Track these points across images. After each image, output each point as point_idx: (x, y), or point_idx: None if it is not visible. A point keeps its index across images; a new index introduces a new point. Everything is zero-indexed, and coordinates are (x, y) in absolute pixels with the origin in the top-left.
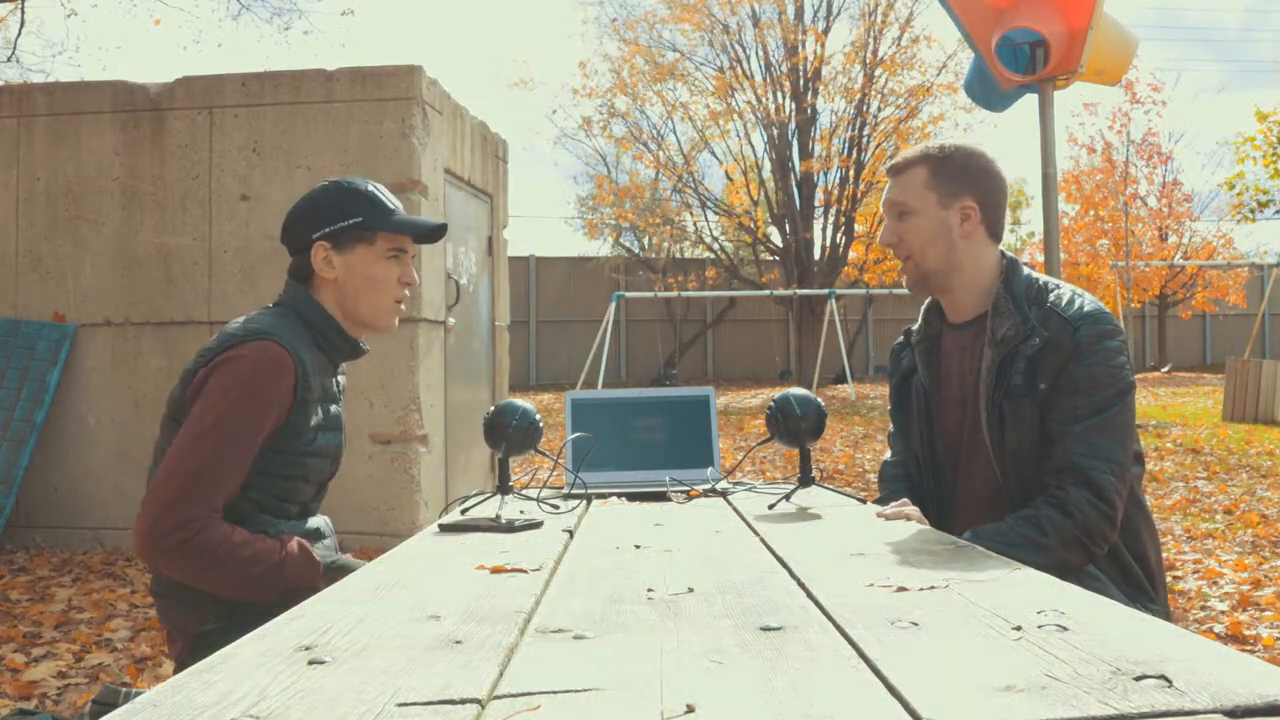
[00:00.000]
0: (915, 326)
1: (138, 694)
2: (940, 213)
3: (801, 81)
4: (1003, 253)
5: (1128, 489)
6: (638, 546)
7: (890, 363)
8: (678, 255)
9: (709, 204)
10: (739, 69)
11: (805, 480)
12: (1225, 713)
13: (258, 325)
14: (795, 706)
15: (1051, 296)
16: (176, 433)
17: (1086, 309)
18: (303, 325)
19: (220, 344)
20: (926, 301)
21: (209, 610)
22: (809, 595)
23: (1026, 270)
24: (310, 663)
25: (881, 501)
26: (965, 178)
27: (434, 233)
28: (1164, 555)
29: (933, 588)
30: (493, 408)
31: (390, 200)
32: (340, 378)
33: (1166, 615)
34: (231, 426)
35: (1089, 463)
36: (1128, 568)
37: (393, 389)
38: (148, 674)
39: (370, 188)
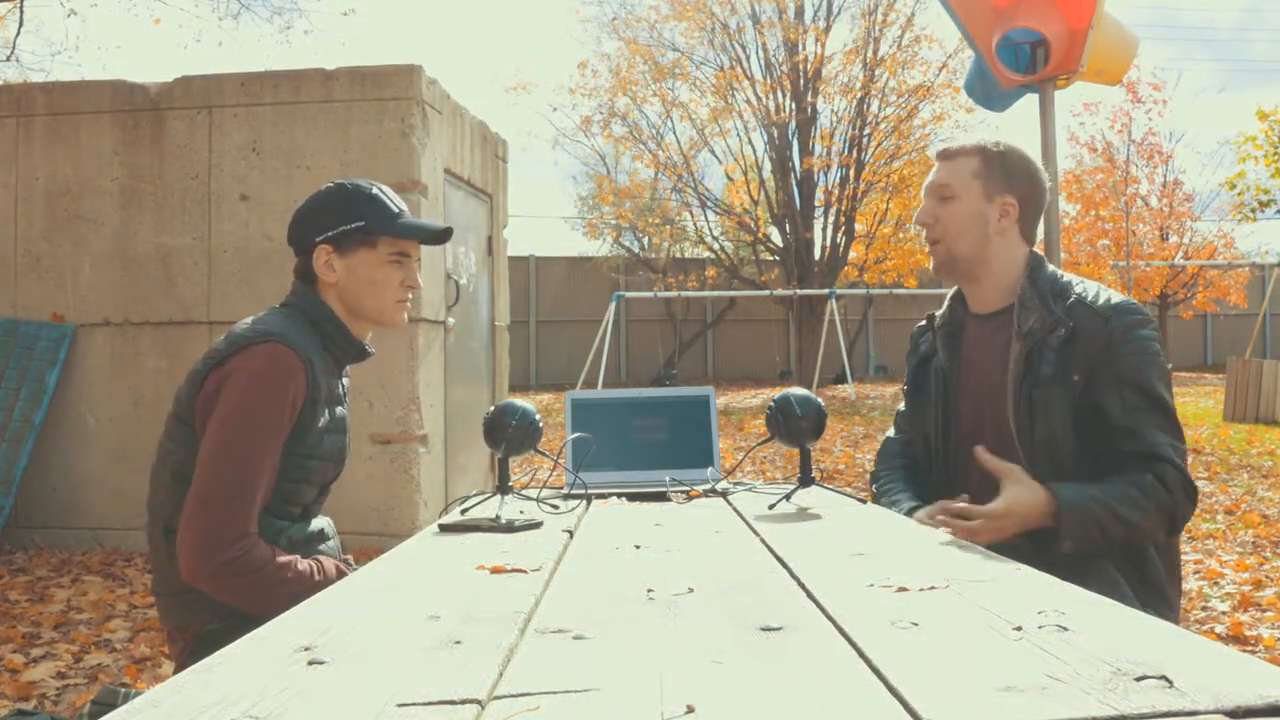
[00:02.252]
0: (939, 311)
1: (137, 694)
2: (983, 204)
3: (802, 81)
4: (1031, 251)
5: None
6: (638, 546)
7: (910, 344)
8: (678, 255)
9: (709, 204)
10: (739, 68)
11: (805, 480)
12: (1226, 713)
13: (266, 327)
14: (795, 706)
15: (1077, 289)
16: (183, 433)
17: (1115, 301)
18: (310, 327)
19: (230, 346)
20: (953, 290)
21: (212, 611)
22: (809, 595)
23: (1051, 267)
24: (310, 663)
25: (876, 479)
26: (1013, 177)
27: (438, 237)
28: None
29: (933, 588)
30: (493, 408)
31: (395, 203)
32: (345, 380)
33: (1177, 623)
34: (256, 436)
35: (1166, 451)
36: (1145, 571)
37: (392, 389)
38: (147, 674)
39: (375, 190)
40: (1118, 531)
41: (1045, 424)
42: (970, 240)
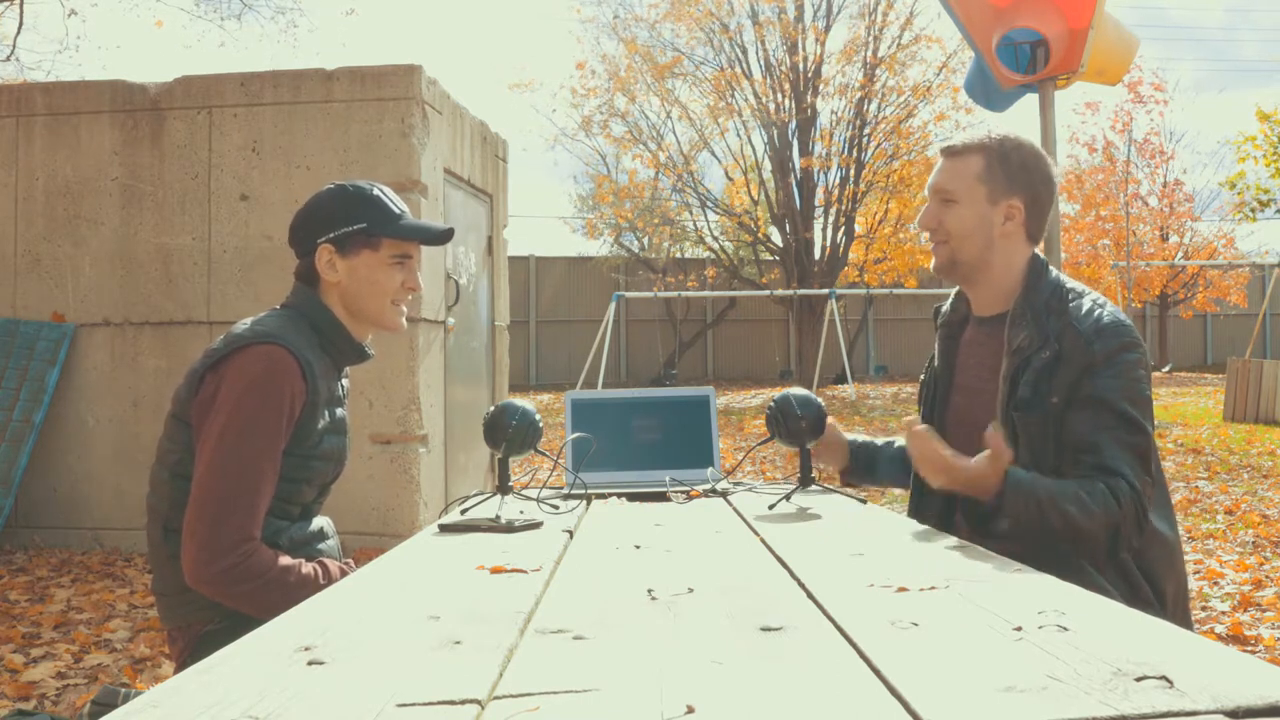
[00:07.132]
0: (944, 307)
1: (137, 694)
2: (986, 208)
3: (801, 81)
4: (1035, 255)
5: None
6: (638, 546)
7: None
8: (678, 255)
9: (709, 204)
10: (738, 68)
11: (805, 480)
12: (1226, 713)
13: (264, 328)
14: (795, 706)
15: (1071, 305)
16: (182, 433)
17: (1105, 321)
18: (309, 328)
19: (227, 346)
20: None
21: (212, 611)
22: (809, 595)
23: (1054, 274)
24: (310, 663)
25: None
26: (1019, 177)
27: (440, 238)
28: None
29: (933, 588)
30: (493, 408)
31: (397, 205)
32: (344, 381)
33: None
34: (255, 440)
35: (1124, 469)
36: (1136, 585)
37: (392, 389)
38: (147, 674)
39: (376, 192)
40: (1056, 523)
41: (1028, 449)
42: (974, 245)
